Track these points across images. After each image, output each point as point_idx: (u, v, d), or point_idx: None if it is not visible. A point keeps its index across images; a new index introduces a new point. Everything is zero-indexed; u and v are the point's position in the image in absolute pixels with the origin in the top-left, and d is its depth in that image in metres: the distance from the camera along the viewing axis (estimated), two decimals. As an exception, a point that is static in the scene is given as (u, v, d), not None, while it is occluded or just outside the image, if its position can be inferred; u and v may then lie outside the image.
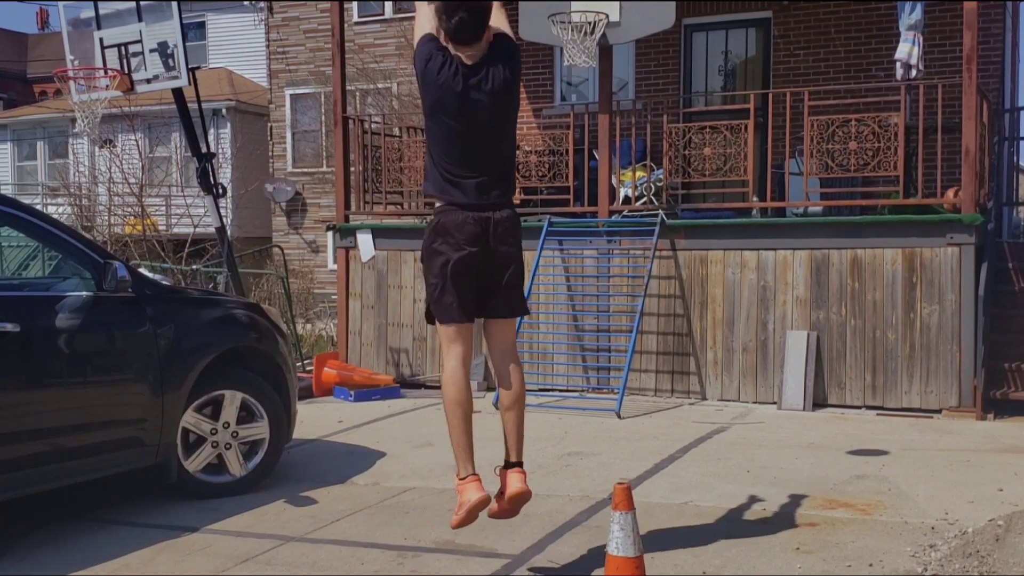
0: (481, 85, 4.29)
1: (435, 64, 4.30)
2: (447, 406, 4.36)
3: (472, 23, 4.21)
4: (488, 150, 4.37)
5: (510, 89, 4.37)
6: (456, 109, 4.28)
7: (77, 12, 21.73)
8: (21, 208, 5.49)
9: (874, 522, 5.28)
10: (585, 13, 9.36)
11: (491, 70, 4.31)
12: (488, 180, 4.36)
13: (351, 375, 10.04)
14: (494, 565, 4.70)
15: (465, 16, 4.18)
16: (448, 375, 4.36)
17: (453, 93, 4.27)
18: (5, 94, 32.68)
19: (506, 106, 4.39)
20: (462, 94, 4.27)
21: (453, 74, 4.27)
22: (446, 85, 4.27)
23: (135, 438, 5.50)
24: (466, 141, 4.33)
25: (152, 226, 18.18)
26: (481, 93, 4.28)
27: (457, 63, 4.29)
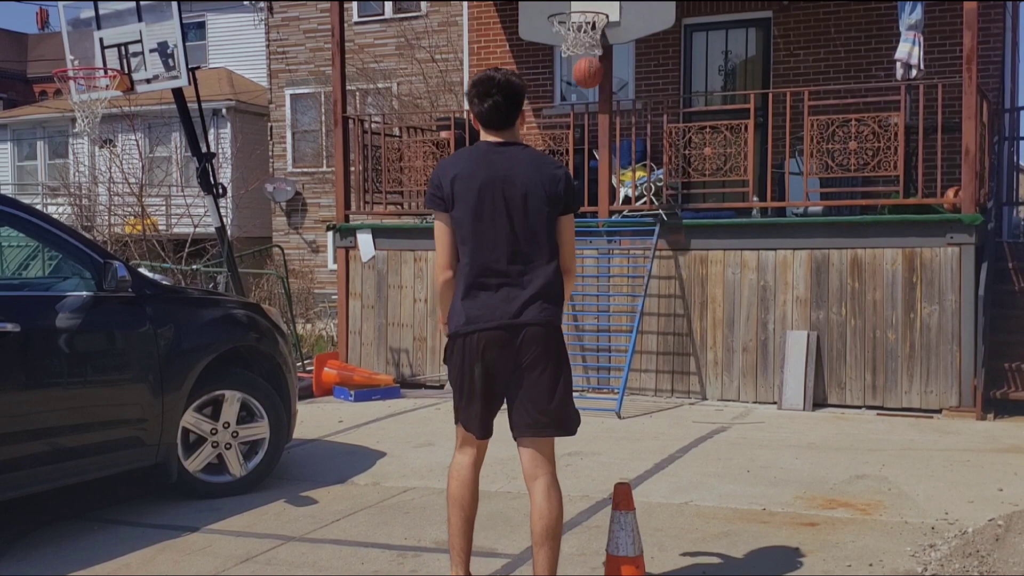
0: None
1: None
2: (448, 500, 4.02)
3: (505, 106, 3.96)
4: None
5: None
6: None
7: (77, 12, 21.73)
8: (21, 208, 5.48)
9: (874, 522, 5.29)
10: (585, 13, 9.37)
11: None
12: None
13: (351, 375, 10.04)
14: (494, 565, 4.70)
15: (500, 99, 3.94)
16: (456, 469, 4.02)
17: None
18: (5, 94, 32.67)
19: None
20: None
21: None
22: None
23: (135, 438, 5.50)
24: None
25: (152, 226, 18.19)
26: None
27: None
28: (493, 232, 3.84)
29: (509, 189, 3.85)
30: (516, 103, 3.96)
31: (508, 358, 3.85)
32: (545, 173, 3.89)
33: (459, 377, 3.93)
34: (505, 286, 3.85)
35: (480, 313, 3.85)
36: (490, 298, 3.85)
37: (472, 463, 4.02)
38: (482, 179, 3.86)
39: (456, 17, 18.31)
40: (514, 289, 3.85)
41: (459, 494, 3.97)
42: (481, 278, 3.86)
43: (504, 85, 3.92)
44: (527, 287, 3.85)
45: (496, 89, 3.91)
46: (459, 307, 3.89)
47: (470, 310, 3.86)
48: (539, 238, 3.87)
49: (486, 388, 3.89)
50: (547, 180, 3.88)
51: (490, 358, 3.84)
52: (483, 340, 3.83)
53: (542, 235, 3.87)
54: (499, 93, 3.91)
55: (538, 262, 3.87)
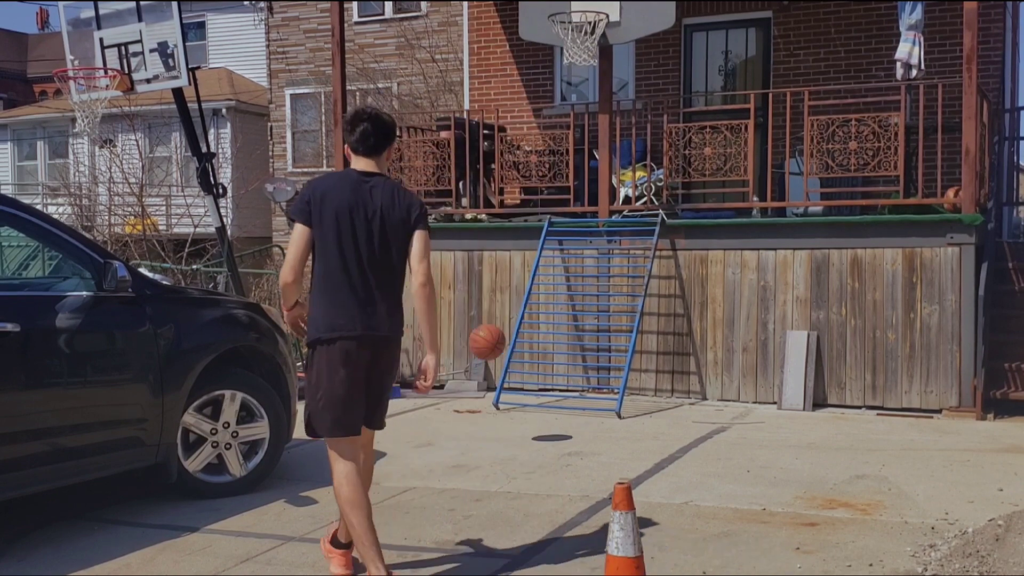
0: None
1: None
2: (345, 506, 4.30)
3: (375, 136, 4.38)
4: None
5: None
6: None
7: (77, 12, 21.68)
8: (21, 208, 5.48)
9: (874, 522, 5.29)
10: (585, 13, 9.37)
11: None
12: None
13: (351, 375, 10.01)
14: (494, 565, 4.70)
15: (368, 127, 4.36)
16: (344, 476, 4.30)
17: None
18: (5, 94, 32.67)
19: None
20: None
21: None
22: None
23: (135, 438, 5.50)
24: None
25: (152, 226, 18.19)
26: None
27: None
28: (354, 251, 4.24)
29: (369, 214, 4.26)
30: (385, 134, 4.37)
31: (364, 363, 4.28)
32: (400, 203, 4.31)
33: (326, 380, 4.27)
34: (362, 299, 4.25)
35: (343, 322, 4.23)
36: (351, 309, 4.24)
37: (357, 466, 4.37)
38: (348, 203, 4.25)
39: (456, 17, 18.31)
40: (370, 303, 4.26)
41: (353, 497, 4.28)
42: (341, 292, 4.24)
43: (374, 116, 4.37)
44: (381, 303, 4.29)
45: (366, 117, 4.36)
46: (322, 315, 4.27)
47: (334, 319, 4.24)
48: (392, 260, 4.31)
49: (350, 390, 4.27)
50: (402, 209, 4.31)
51: (352, 363, 4.26)
52: (345, 347, 4.24)
53: (395, 258, 4.32)
54: (368, 122, 4.34)
55: (390, 282, 4.32)
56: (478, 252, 10.25)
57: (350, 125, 4.36)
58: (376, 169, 4.38)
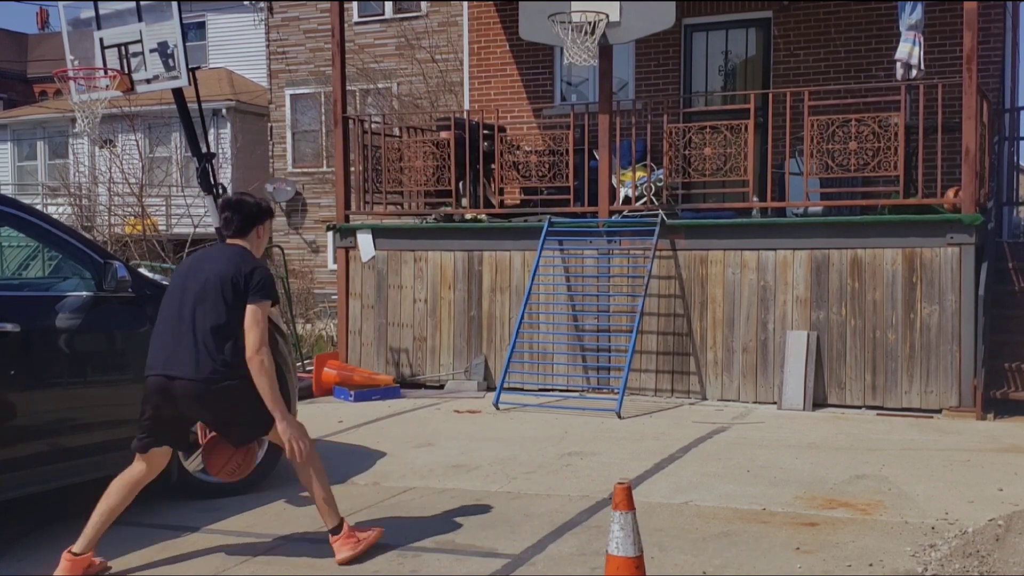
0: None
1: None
2: (110, 489, 4.76)
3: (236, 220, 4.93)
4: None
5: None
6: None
7: (77, 12, 21.72)
8: (21, 208, 5.48)
9: (874, 522, 5.29)
10: (585, 13, 9.37)
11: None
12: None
13: (351, 375, 10.04)
14: (494, 565, 4.70)
15: (229, 215, 4.91)
16: (123, 472, 4.85)
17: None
18: (5, 94, 32.67)
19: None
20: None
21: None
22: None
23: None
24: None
25: (152, 226, 18.18)
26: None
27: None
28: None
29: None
30: (244, 215, 4.92)
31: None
32: (235, 264, 4.75)
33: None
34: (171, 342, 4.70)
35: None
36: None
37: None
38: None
39: (456, 17, 18.31)
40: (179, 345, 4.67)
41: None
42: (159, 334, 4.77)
43: (235, 203, 4.92)
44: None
45: (227, 205, 4.92)
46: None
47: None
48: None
49: (150, 423, 4.80)
50: (233, 268, 4.73)
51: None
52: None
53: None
54: (229, 209, 4.90)
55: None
56: (478, 252, 10.25)
57: (219, 211, 4.94)
58: (244, 244, 4.94)
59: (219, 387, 4.61)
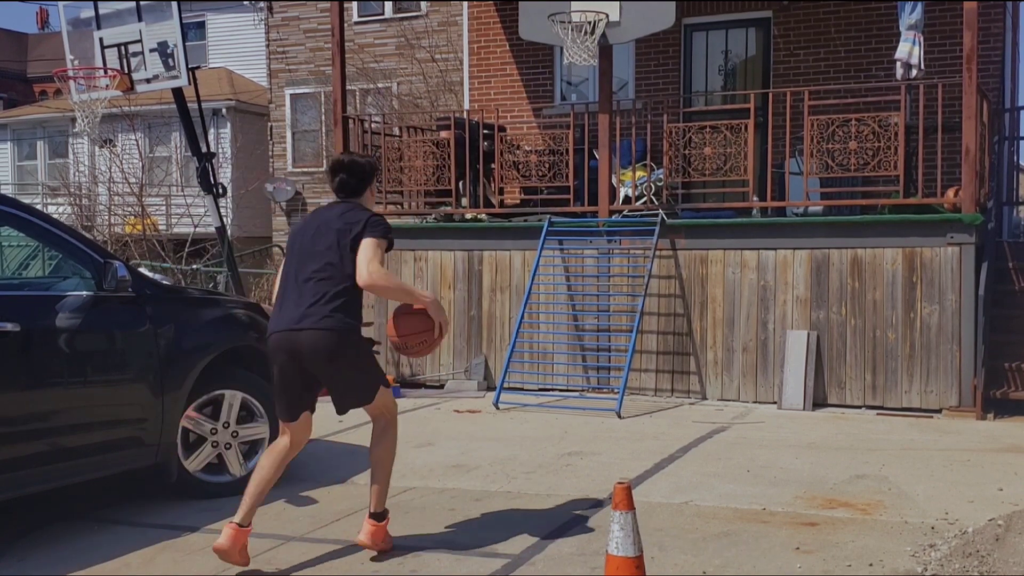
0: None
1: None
2: (259, 464, 4.91)
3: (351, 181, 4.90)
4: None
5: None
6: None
7: (77, 12, 21.74)
8: (21, 208, 5.48)
9: (874, 522, 5.29)
10: (585, 13, 9.37)
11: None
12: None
13: (351, 375, 10.01)
14: (494, 565, 4.70)
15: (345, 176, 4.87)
16: (272, 445, 5.02)
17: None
18: (5, 94, 32.67)
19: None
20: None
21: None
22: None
23: (135, 438, 5.50)
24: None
25: (152, 226, 18.20)
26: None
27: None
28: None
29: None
30: (358, 175, 4.89)
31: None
32: (348, 217, 4.82)
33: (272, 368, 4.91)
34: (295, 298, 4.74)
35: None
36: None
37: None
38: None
39: (456, 17, 18.31)
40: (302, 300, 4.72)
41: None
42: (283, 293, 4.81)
43: (349, 164, 4.86)
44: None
45: (342, 167, 4.84)
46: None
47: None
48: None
49: (282, 381, 4.99)
50: (346, 220, 4.80)
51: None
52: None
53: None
54: (344, 171, 4.84)
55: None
56: (478, 252, 10.25)
57: (330, 174, 4.85)
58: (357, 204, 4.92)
59: (344, 338, 4.69)
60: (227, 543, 4.61)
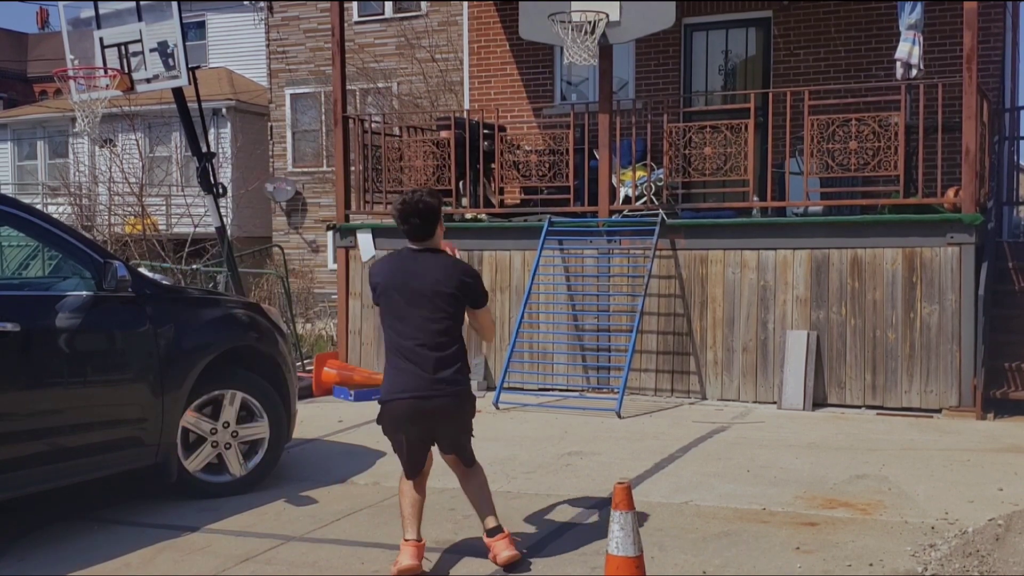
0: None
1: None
2: (400, 496, 4.85)
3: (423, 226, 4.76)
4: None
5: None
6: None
7: (77, 12, 21.73)
8: (21, 208, 5.49)
9: (874, 522, 5.29)
10: (585, 13, 9.36)
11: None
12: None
13: (351, 375, 10.03)
14: (494, 565, 4.70)
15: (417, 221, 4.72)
16: (407, 487, 4.85)
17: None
18: (5, 94, 32.67)
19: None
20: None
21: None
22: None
23: (135, 438, 5.50)
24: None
25: (152, 226, 18.19)
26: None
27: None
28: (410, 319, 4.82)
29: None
30: (431, 219, 4.73)
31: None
32: (452, 275, 4.76)
33: (393, 434, 4.82)
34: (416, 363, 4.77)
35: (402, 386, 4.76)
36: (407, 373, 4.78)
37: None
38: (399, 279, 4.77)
39: (456, 17, 18.31)
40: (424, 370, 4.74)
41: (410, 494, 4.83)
42: (399, 359, 4.85)
43: (420, 210, 4.68)
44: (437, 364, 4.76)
45: (413, 212, 4.68)
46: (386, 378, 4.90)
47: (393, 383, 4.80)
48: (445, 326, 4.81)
49: (412, 440, 4.78)
50: (453, 280, 4.75)
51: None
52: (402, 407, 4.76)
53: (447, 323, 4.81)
54: (416, 216, 4.69)
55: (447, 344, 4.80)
56: (478, 252, 10.25)
57: (400, 219, 4.72)
58: (430, 246, 4.81)
59: (462, 396, 4.81)
60: (413, 561, 4.60)
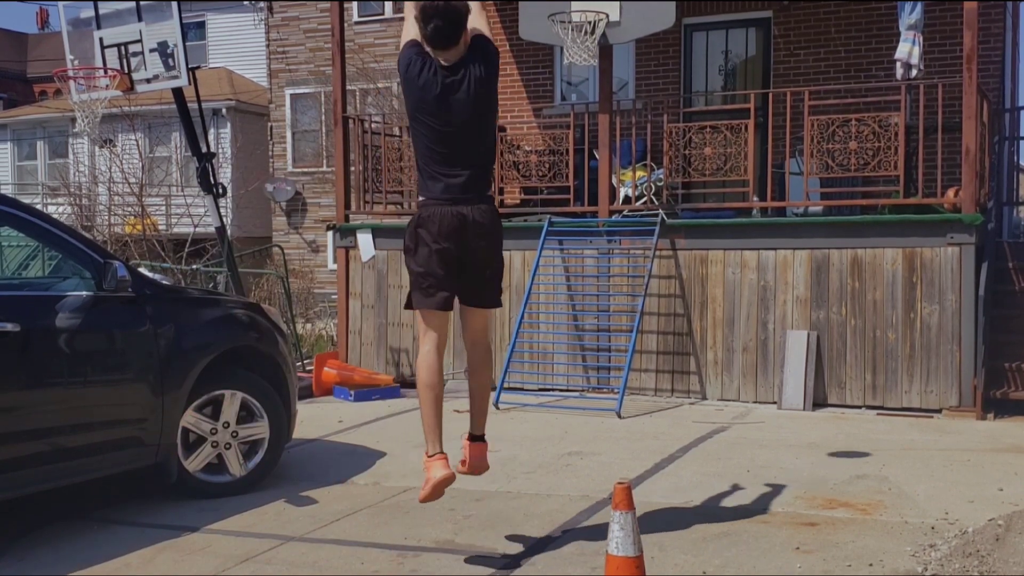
0: (458, 86, 4.53)
1: (415, 68, 4.56)
2: (419, 388, 4.78)
3: (447, 29, 4.47)
4: (466, 148, 4.61)
5: (487, 89, 4.62)
6: (434, 109, 4.54)
7: (77, 12, 21.75)
8: (21, 208, 5.49)
9: (874, 522, 5.28)
10: (585, 13, 9.37)
11: (468, 71, 4.55)
12: (466, 178, 4.60)
13: (351, 375, 10.04)
14: (494, 565, 4.70)
15: (440, 23, 4.44)
16: (422, 359, 4.75)
17: (432, 95, 4.53)
18: (5, 94, 32.68)
19: (483, 105, 4.63)
20: (440, 95, 4.52)
21: (432, 76, 4.52)
22: (426, 87, 4.53)
23: (135, 438, 5.50)
24: (444, 139, 4.58)
25: (152, 226, 18.18)
26: (458, 94, 4.53)
27: (436, 66, 4.54)
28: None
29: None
30: (457, 24, 4.46)
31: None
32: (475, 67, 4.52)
33: (428, 245, 4.62)
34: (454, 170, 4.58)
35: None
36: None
37: (436, 349, 4.80)
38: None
39: (456, 17, 18.27)
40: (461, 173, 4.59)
41: (429, 379, 4.79)
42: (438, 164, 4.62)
43: (443, 9, 4.42)
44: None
45: (437, 12, 4.42)
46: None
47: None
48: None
49: (446, 256, 4.63)
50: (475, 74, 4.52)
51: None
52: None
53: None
54: (439, 17, 4.42)
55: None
56: (478, 252, 10.23)
57: (423, 21, 4.46)
58: (457, 55, 4.55)
59: (497, 216, 4.72)
60: (446, 472, 4.67)
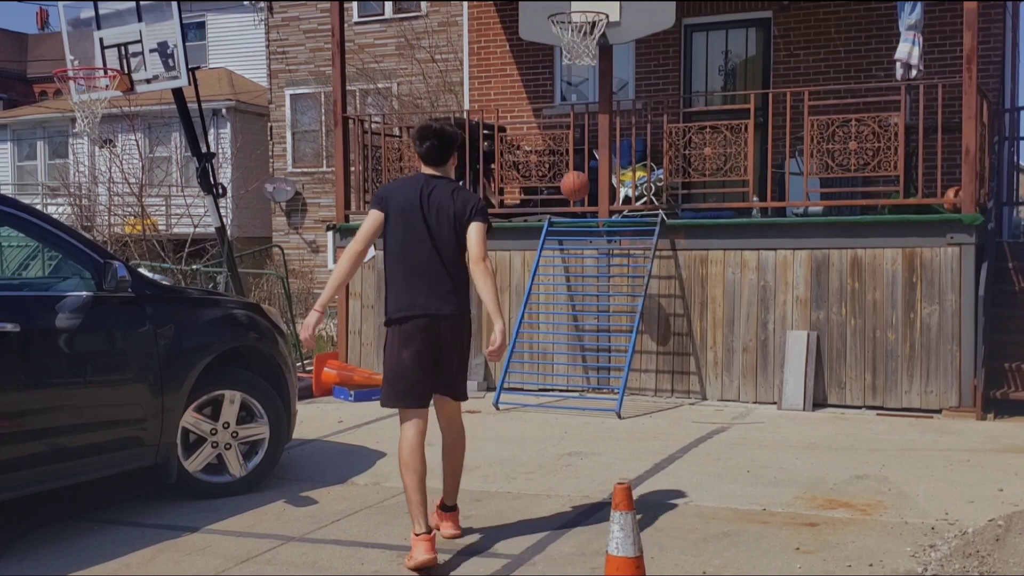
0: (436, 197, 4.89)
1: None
2: (403, 470, 4.86)
3: (440, 148, 4.96)
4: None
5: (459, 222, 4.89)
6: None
7: (77, 12, 21.74)
8: (21, 208, 5.48)
9: (874, 522, 5.29)
10: (585, 13, 9.37)
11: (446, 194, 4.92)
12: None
13: (351, 375, 10.03)
14: (494, 565, 4.71)
15: (435, 143, 4.93)
16: (405, 442, 4.92)
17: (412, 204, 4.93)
18: (5, 94, 32.67)
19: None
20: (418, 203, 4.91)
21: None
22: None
23: (135, 438, 5.50)
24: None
25: (152, 226, 18.19)
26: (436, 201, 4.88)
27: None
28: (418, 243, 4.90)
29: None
30: (448, 144, 4.94)
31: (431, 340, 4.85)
32: (458, 199, 4.84)
33: (395, 358, 4.95)
34: (428, 284, 4.86)
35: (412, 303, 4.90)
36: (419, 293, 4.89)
37: (419, 432, 4.95)
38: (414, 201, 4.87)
39: (456, 17, 18.30)
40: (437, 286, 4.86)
41: (412, 463, 4.85)
42: (412, 276, 4.95)
43: (439, 131, 4.92)
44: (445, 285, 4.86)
45: (431, 134, 4.90)
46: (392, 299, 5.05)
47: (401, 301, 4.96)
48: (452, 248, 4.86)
49: (418, 365, 4.88)
50: (458, 204, 4.83)
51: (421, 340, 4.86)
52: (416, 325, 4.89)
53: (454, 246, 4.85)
54: (434, 137, 4.89)
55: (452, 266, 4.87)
56: (478, 252, 10.23)
57: (418, 140, 4.93)
58: (444, 173, 4.96)
59: (467, 320, 4.92)
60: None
